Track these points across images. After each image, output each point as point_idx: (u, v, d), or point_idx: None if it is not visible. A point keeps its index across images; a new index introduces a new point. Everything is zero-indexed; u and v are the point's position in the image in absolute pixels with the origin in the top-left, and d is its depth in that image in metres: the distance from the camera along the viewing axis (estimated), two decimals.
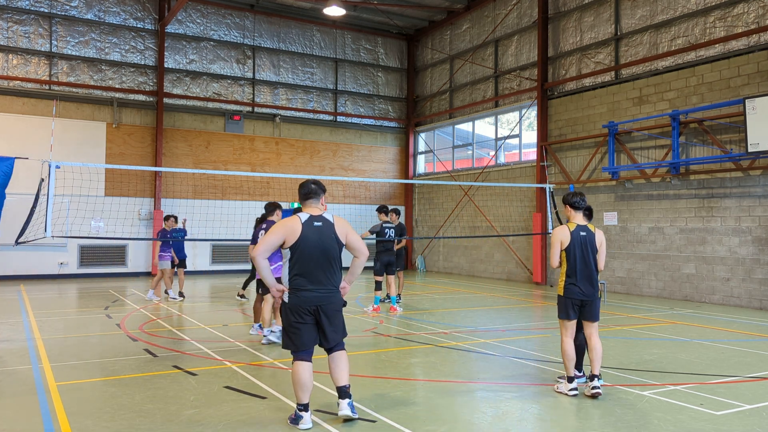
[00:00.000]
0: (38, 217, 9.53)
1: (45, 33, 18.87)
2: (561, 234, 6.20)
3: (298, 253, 4.99)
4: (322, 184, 5.35)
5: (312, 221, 5.06)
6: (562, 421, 5.35)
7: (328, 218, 5.16)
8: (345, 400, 5.06)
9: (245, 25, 22.01)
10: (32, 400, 5.81)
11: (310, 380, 4.99)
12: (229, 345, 8.57)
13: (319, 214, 5.14)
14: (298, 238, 4.97)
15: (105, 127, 19.61)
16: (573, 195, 6.35)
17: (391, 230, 12.15)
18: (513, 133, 20.39)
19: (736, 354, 8.19)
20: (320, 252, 5.02)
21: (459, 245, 22.09)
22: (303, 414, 4.98)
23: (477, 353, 8.15)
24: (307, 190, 5.23)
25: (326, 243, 5.05)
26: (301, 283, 4.99)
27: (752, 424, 5.23)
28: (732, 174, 13.71)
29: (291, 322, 5.02)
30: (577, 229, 6.23)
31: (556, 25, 18.49)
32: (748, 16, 13.67)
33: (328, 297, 5.06)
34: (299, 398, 5.00)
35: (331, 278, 5.09)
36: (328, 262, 5.06)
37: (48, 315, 11.34)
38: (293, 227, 4.99)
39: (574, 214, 6.33)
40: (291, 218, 5.08)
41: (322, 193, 5.31)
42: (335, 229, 5.14)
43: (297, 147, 22.86)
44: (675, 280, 14.73)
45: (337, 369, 5.10)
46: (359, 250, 5.21)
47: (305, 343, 5.02)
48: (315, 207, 5.23)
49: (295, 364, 5.00)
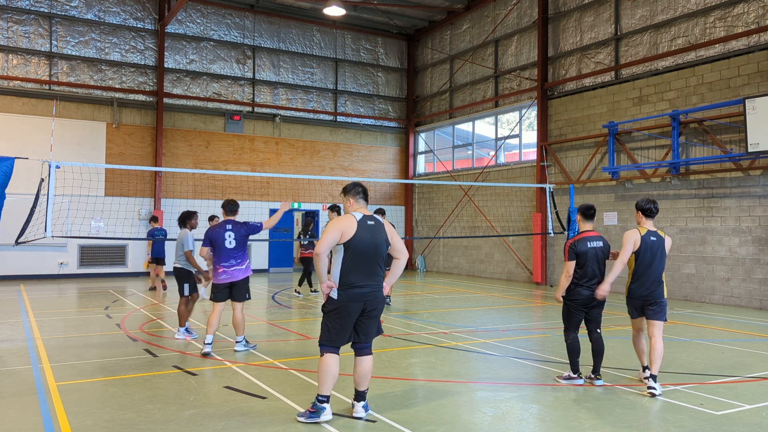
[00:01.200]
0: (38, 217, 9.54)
1: (45, 33, 18.87)
2: (634, 237, 6.44)
3: (352, 250, 5.13)
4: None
5: (366, 220, 5.26)
6: (562, 421, 5.35)
7: (378, 218, 5.38)
8: (361, 402, 5.33)
9: (245, 25, 22.01)
10: (32, 400, 5.81)
11: (337, 371, 5.21)
12: (229, 345, 8.57)
13: (370, 214, 5.35)
14: (354, 235, 5.13)
15: (105, 127, 19.60)
16: (647, 202, 6.60)
17: None
18: (513, 133, 20.39)
19: (736, 354, 8.19)
20: (372, 250, 5.20)
21: (459, 245, 22.08)
22: (326, 405, 5.16)
23: (477, 353, 8.15)
24: (360, 190, 5.44)
25: (378, 241, 5.24)
26: (353, 280, 5.13)
27: (752, 424, 5.23)
28: (732, 174, 13.71)
29: (337, 318, 5.17)
30: (647, 233, 6.47)
31: (556, 25, 18.49)
32: (748, 16, 13.67)
33: (375, 293, 5.24)
34: (325, 389, 5.15)
35: (379, 276, 5.28)
36: (377, 260, 5.25)
37: (48, 315, 11.34)
38: (350, 224, 5.16)
39: (645, 220, 6.57)
40: (346, 216, 5.26)
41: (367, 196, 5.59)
42: (385, 229, 5.36)
43: (297, 147, 22.86)
44: (675, 280, 14.73)
45: (362, 373, 5.29)
46: (401, 252, 5.41)
47: (342, 339, 5.22)
48: (365, 207, 5.44)
49: (327, 356, 5.18)
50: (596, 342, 6.56)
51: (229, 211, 8.21)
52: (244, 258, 8.12)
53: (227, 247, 7.95)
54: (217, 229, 8.02)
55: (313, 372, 6.95)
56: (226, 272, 7.96)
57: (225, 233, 8.00)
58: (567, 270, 6.43)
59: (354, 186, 5.47)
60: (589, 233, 6.58)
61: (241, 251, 8.07)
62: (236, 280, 7.98)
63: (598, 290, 6.45)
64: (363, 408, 5.31)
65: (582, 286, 6.45)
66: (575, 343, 6.53)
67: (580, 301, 6.47)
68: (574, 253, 6.42)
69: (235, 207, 8.27)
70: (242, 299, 8.09)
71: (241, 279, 8.03)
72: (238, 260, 8.02)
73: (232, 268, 7.98)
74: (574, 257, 6.42)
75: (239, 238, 8.03)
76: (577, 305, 6.50)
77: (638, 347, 6.63)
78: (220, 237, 7.98)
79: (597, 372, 6.56)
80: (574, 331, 6.56)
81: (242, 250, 8.09)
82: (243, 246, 8.09)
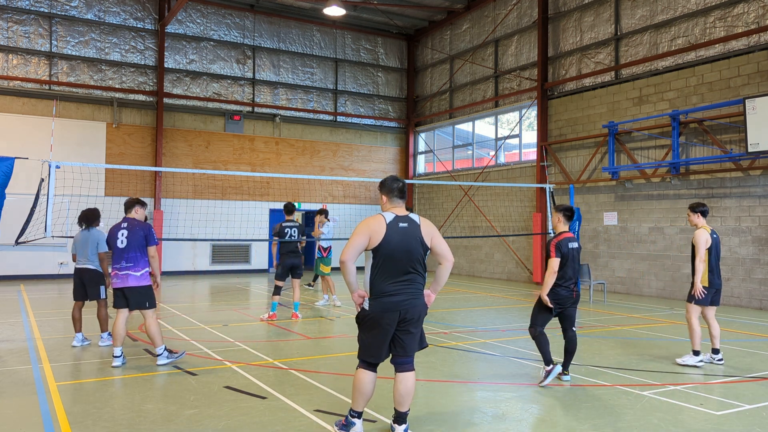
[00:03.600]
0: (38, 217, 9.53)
1: (45, 33, 18.86)
2: (705, 236, 7.31)
3: (382, 256, 4.61)
4: (406, 183, 4.94)
5: (397, 222, 4.68)
6: (562, 421, 5.35)
7: (414, 219, 4.78)
8: (402, 426, 4.74)
9: (245, 25, 22.00)
10: (32, 400, 5.81)
11: (372, 390, 4.75)
12: (229, 345, 8.57)
13: (405, 215, 4.76)
14: (383, 239, 4.59)
15: (105, 127, 19.60)
16: (701, 204, 7.54)
17: (293, 230, 11.14)
18: (513, 133, 20.39)
19: (736, 354, 8.19)
20: (405, 254, 4.64)
21: (459, 245, 22.09)
22: (356, 421, 4.79)
23: (477, 353, 8.15)
24: (395, 188, 4.80)
25: (411, 245, 4.67)
26: (385, 288, 4.61)
27: (752, 424, 5.23)
28: (732, 174, 13.71)
29: (371, 330, 4.67)
30: (712, 231, 7.45)
31: (556, 25, 18.49)
32: (748, 16, 13.67)
33: (413, 302, 4.68)
34: (357, 405, 4.75)
35: (415, 282, 4.72)
36: (413, 264, 4.68)
37: (48, 315, 11.34)
38: (377, 228, 4.61)
39: (704, 220, 7.50)
40: (375, 217, 4.68)
41: (406, 192, 4.91)
42: (421, 231, 4.75)
43: (297, 147, 22.86)
44: (675, 280, 14.73)
45: (404, 393, 4.69)
46: (444, 256, 4.81)
47: (380, 355, 4.70)
48: (400, 207, 4.82)
49: (362, 372, 4.72)
50: (571, 340, 6.67)
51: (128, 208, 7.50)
52: (144, 264, 7.27)
53: (119, 247, 7.24)
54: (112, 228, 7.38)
55: (313, 372, 6.96)
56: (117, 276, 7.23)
57: (119, 231, 7.30)
58: (552, 267, 6.48)
59: (389, 182, 4.84)
60: (567, 234, 6.66)
61: (143, 257, 7.26)
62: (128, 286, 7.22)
63: (695, 292, 7.33)
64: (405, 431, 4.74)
65: (560, 287, 6.52)
66: (543, 335, 6.55)
67: (556, 301, 6.53)
68: (560, 252, 6.48)
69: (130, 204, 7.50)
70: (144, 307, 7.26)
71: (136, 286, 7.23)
72: (140, 265, 7.25)
73: (123, 271, 7.20)
74: (560, 255, 6.47)
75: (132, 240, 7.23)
76: (553, 304, 6.53)
77: (699, 331, 7.42)
78: (112, 236, 7.32)
79: (566, 368, 6.70)
80: (540, 326, 6.59)
81: (143, 257, 7.27)
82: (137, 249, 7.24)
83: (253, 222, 20.70)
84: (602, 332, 9.98)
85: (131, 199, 7.57)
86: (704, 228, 7.41)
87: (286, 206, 11.43)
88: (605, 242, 16.60)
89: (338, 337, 9.57)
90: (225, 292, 15.80)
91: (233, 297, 14.60)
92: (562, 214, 6.72)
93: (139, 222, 7.41)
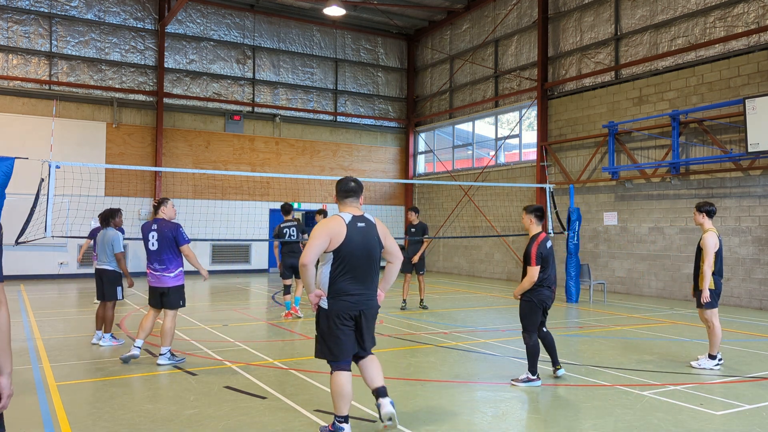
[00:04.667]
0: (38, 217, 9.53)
1: (45, 33, 18.87)
2: (715, 240, 7.20)
3: (343, 256, 4.63)
4: (360, 182, 4.98)
5: (355, 222, 4.71)
6: (562, 421, 5.35)
7: (370, 219, 4.84)
8: (386, 398, 4.83)
9: (245, 25, 22.01)
10: (32, 400, 5.81)
11: (351, 390, 4.71)
12: (229, 345, 8.57)
13: (361, 215, 4.80)
14: (344, 239, 4.61)
15: (105, 127, 19.61)
16: (708, 204, 7.41)
17: (291, 229, 11.23)
18: (513, 133, 20.39)
19: (736, 354, 8.18)
20: (365, 254, 4.70)
21: (459, 245, 22.08)
22: (344, 426, 4.67)
23: (477, 353, 8.15)
24: (348, 188, 4.83)
25: (370, 244, 4.74)
26: (345, 288, 4.65)
27: (752, 424, 5.23)
28: (732, 174, 13.71)
29: (332, 329, 4.66)
30: (718, 234, 7.36)
31: (556, 25, 18.49)
32: (748, 16, 13.67)
33: (370, 301, 4.79)
34: (340, 410, 4.66)
35: (373, 281, 4.81)
36: (371, 264, 4.76)
37: (48, 315, 11.34)
38: (338, 229, 4.62)
39: (710, 221, 7.39)
40: (333, 219, 4.70)
41: (361, 192, 4.91)
42: (377, 230, 4.84)
43: (297, 147, 22.86)
44: (675, 280, 14.73)
45: (373, 371, 4.85)
46: (395, 255, 4.93)
47: (346, 352, 4.71)
48: (355, 207, 4.84)
49: (337, 374, 4.67)
50: (547, 337, 6.73)
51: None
52: (173, 264, 7.34)
53: (151, 249, 7.34)
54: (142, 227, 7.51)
55: (313, 372, 6.96)
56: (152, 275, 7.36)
57: (149, 233, 7.36)
58: (532, 276, 6.40)
59: (344, 182, 4.87)
60: (543, 235, 6.60)
61: (166, 255, 7.32)
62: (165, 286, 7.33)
63: (702, 299, 7.20)
64: (390, 403, 4.81)
65: (544, 287, 6.51)
66: (537, 345, 6.52)
67: (542, 301, 6.53)
68: (541, 258, 6.44)
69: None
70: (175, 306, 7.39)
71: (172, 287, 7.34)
72: (163, 265, 7.31)
73: (158, 272, 7.31)
74: (541, 262, 6.43)
75: (163, 240, 7.30)
76: (540, 306, 6.54)
77: (720, 335, 7.33)
78: (143, 236, 7.39)
79: (557, 363, 6.76)
80: (534, 331, 6.55)
81: (169, 255, 7.32)
82: (169, 251, 7.31)
83: (253, 222, 20.71)
84: (602, 332, 9.98)
85: (159, 201, 7.63)
86: (712, 230, 7.26)
87: (283, 207, 11.55)
88: (605, 242, 16.60)
89: None
90: (225, 292, 15.80)
91: (233, 297, 14.61)
92: (533, 215, 6.60)
93: (167, 223, 7.41)
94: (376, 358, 4.96)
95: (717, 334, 7.27)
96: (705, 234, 7.27)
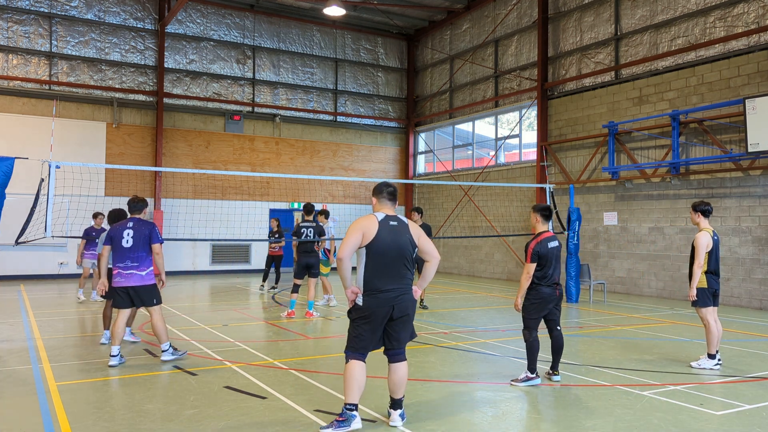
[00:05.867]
0: (38, 217, 9.51)
1: (45, 33, 18.86)
2: (707, 240, 7.22)
3: (375, 252, 4.91)
4: (396, 188, 5.33)
5: (388, 220, 5.02)
6: (562, 421, 5.35)
7: (402, 219, 5.14)
8: (398, 411, 5.12)
9: (245, 25, 22.01)
10: (32, 400, 5.81)
11: (363, 379, 4.93)
12: (229, 345, 8.57)
13: (394, 215, 5.12)
14: (375, 236, 4.90)
15: (105, 127, 19.60)
16: (704, 203, 7.41)
17: (309, 230, 11.35)
18: (513, 133, 20.39)
19: (736, 354, 8.18)
20: (396, 251, 4.96)
21: (459, 245, 22.08)
22: (355, 413, 4.89)
23: (477, 353, 8.15)
24: (391, 190, 5.18)
25: (402, 242, 4.99)
26: (378, 284, 4.90)
27: (752, 424, 5.23)
28: (732, 174, 13.71)
29: (361, 324, 4.94)
30: (713, 233, 7.35)
31: (556, 25, 18.49)
32: (748, 16, 13.67)
33: (404, 297, 4.99)
34: (352, 398, 4.87)
35: (406, 278, 5.03)
36: (403, 261, 5.00)
37: (48, 315, 11.34)
38: (370, 226, 4.93)
39: (705, 220, 7.40)
40: (367, 217, 5.01)
41: (396, 196, 5.28)
42: (410, 230, 5.10)
43: (297, 147, 22.86)
44: (675, 280, 14.73)
45: (398, 381, 5.07)
46: (431, 254, 5.16)
47: (368, 346, 4.99)
48: (390, 208, 5.18)
49: (353, 363, 4.92)
50: (557, 339, 6.69)
51: (136, 209, 7.46)
52: (148, 263, 7.27)
53: (124, 246, 7.21)
54: (120, 228, 7.29)
55: (313, 372, 6.96)
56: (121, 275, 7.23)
57: (126, 232, 7.24)
58: (528, 271, 6.43)
59: (381, 185, 5.22)
60: (547, 234, 6.61)
61: (147, 257, 7.28)
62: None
63: (689, 296, 7.30)
64: (400, 417, 5.10)
65: (543, 285, 6.49)
66: (536, 342, 6.50)
67: (543, 299, 6.50)
68: (537, 256, 6.44)
69: (141, 205, 7.48)
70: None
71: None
72: (146, 264, 7.24)
73: (127, 270, 7.20)
74: (537, 259, 6.43)
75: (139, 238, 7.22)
76: (541, 304, 6.51)
77: (716, 333, 7.27)
78: (118, 235, 7.25)
79: (555, 368, 6.71)
80: (534, 329, 6.54)
81: (147, 257, 7.28)
82: (142, 248, 7.25)
83: (253, 222, 20.70)
84: (602, 332, 9.98)
85: (139, 200, 7.49)
86: (706, 230, 7.28)
87: (306, 206, 11.58)
88: (605, 242, 16.60)
89: (338, 337, 9.56)
90: (225, 292, 15.80)
91: (233, 297, 14.61)
92: (539, 214, 6.67)
93: (144, 222, 7.42)
94: (406, 367, 5.10)
95: (713, 333, 7.25)
96: (698, 233, 7.32)
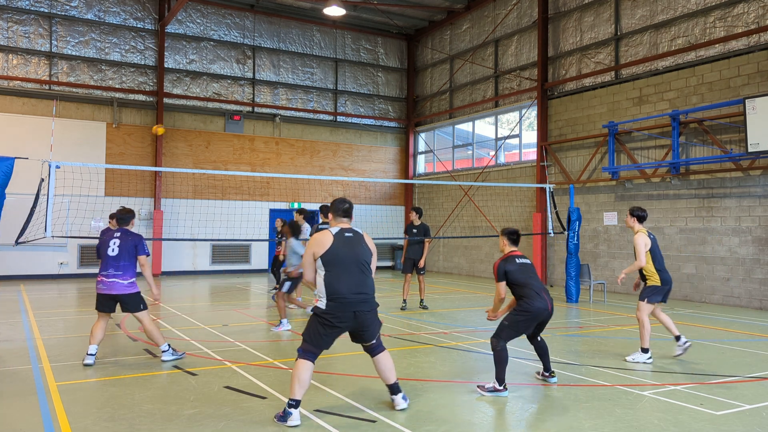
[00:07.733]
0: (38, 217, 9.52)
1: (45, 33, 18.86)
2: (643, 239, 7.68)
3: (332, 261, 5.27)
4: (352, 204, 5.79)
5: (343, 232, 5.41)
6: (562, 421, 5.35)
7: (358, 231, 5.56)
8: (399, 394, 5.51)
9: (245, 25, 22.01)
10: (32, 400, 5.81)
11: (309, 380, 5.26)
12: (229, 345, 8.57)
13: (349, 227, 5.52)
14: (331, 246, 5.28)
15: (105, 127, 19.60)
16: (639, 209, 7.96)
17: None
18: (513, 133, 20.39)
19: (736, 354, 8.19)
20: (353, 258, 5.34)
21: (459, 245, 22.08)
22: (293, 411, 5.12)
23: (477, 353, 8.15)
24: (346, 208, 5.59)
25: (357, 250, 5.40)
26: (339, 290, 5.23)
27: (752, 424, 5.23)
28: (732, 174, 13.71)
29: (322, 326, 5.27)
30: (648, 233, 7.84)
31: (556, 25, 18.49)
32: (748, 16, 13.67)
33: (364, 302, 5.33)
34: (296, 394, 5.14)
35: (366, 284, 5.38)
36: (360, 267, 5.37)
37: (48, 315, 11.35)
38: (324, 240, 5.32)
39: (639, 224, 7.91)
40: (321, 233, 5.41)
41: (352, 211, 5.71)
42: (365, 240, 5.52)
43: (297, 147, 22.86)
44: (675, 280, 14.61)
45: (385, 369, 5.48)
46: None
47: (321, 347, 5.33)
48: (346, 223, 5.56)
49: (303, 362, 5.23)
50: (540, 344, 6.56)
51: (124, 221, 7.48)
52: (132, 273, 7.30)
53: (110, 255, 7.24)
54: (109, 238, 7.33)
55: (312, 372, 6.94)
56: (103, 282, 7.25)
57: (111, 241, 7.27)
58: (499, 291, 6.35)
59: (337, 203, 5.58)
60: (514, 252, 6.51)
61: (131, 266, 7.30)
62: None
63: (618, 280, 7.96)
64: (402, 398, 5.50)
65: (533, 298, 6.22)
66: (505, 351, 6.11)
67: (531, 314, 6.21)
68: (503, 273, 6.32)
69: (129, 216, 7.52)
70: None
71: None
72: (129, 274, 7.26)
73: (110, 279, 7.21)
74: (504, 277, 6.31)
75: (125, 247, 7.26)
76: (528, 320, 6.24)
77: (650, 329, 7.71)
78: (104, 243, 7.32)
79: (549, 370, 6.60)
80: (505, 341, 6.17)
81: (131, 266, 7.30)
82: (128, 258, 7.27)
83: (253, 222, 20.70)
84: (602, 332, 9.98)
85: (127, 212, 7.54)
86: (642, 231, 7.79)
87: (322, 208, 11.45)
88: (605, 242, 16.60)
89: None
90: (225, 292, 15.81)
91: (233, 297, 14.61)
92: (507, 237, 6.58)
93: (131, 233, 7.46)
94: (388, 354, 5.52)
95: (645, 328, 7.63)
96: (635, 235, 7.79)
